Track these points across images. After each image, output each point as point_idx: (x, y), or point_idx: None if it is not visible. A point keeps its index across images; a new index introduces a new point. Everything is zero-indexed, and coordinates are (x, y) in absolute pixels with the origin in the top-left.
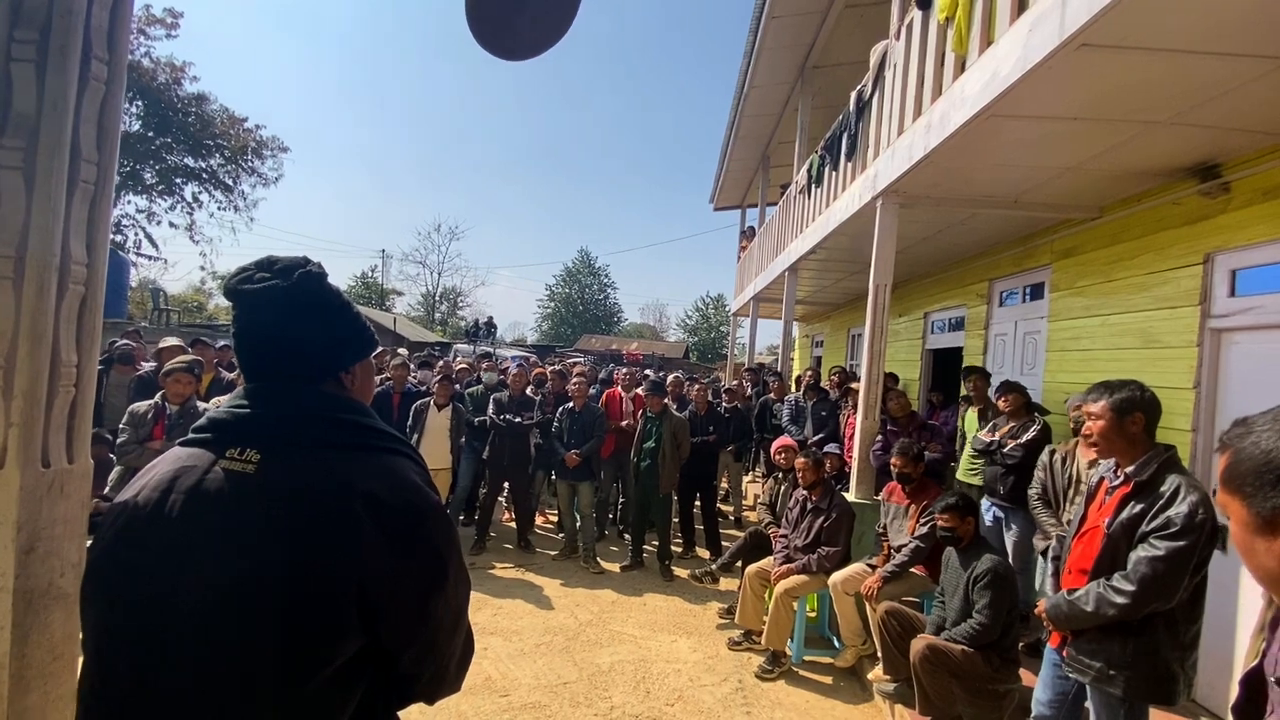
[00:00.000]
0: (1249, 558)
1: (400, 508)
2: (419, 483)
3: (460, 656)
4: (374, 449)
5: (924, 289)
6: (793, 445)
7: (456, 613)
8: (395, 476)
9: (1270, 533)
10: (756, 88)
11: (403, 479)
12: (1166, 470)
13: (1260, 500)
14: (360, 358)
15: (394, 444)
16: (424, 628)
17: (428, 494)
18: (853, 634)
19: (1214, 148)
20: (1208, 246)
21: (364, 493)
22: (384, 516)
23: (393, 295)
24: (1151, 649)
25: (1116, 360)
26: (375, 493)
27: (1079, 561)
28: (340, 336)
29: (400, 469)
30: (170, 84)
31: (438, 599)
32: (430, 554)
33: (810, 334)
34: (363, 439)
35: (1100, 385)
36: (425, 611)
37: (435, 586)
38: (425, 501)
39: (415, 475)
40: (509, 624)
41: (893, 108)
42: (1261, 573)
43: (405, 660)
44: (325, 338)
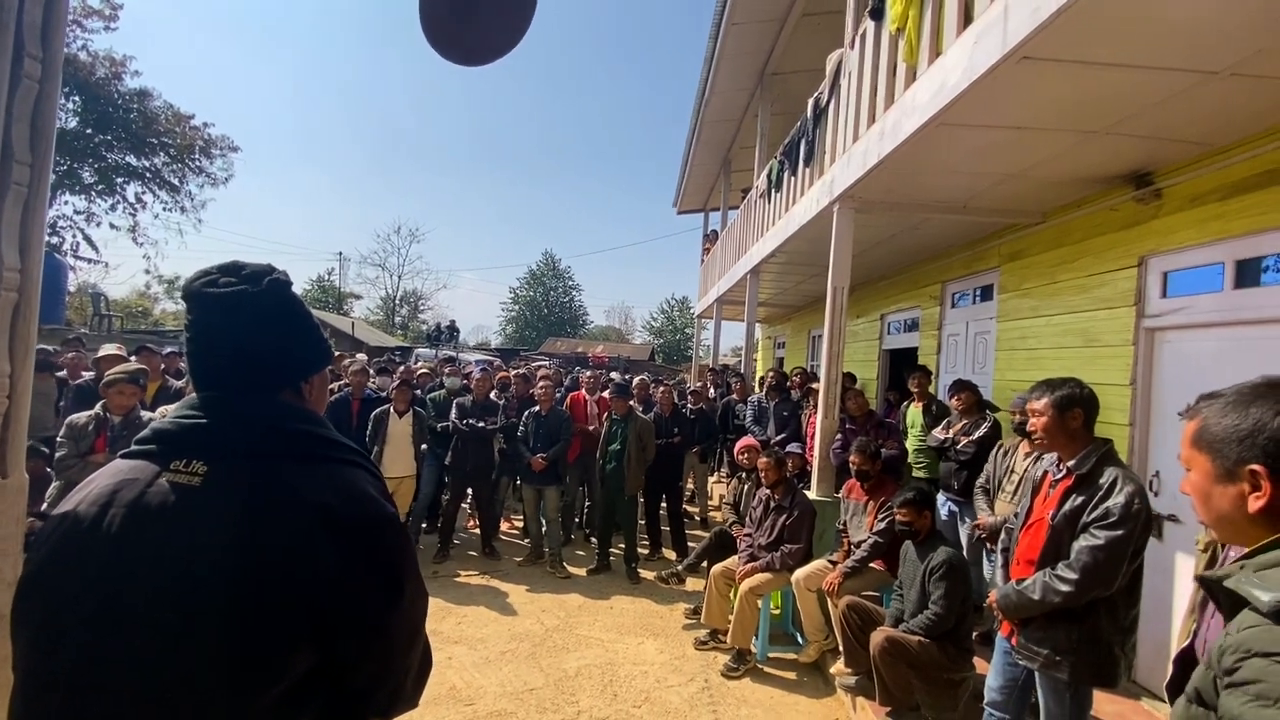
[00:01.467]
0: (1205, 503)
1: (354, 520)
2: (374, 494)
3: (418, 672)
4: (329, 460)
5: (880, 291)
6: (755, 445)
7: (413, 627)
8: (350, 488)
9: (1228, 481)
10: (717, 93)
11: (358, 491)
12: (1105, 463)
13: (1224, 457)
14: (319, 369)
15: (349, 455)
16: (380, 643)
17: (383, 506)
18: (815, 630)
19: (1147, 157)
20: (1142, 250)
21: (317, 505)
22: (337, 529)
23: (351, 299)
24: (1094, 634)
25: (1060, 359)
26: (329, 505)
27: (1026, 553)
28: (303, 347)
29: (355, 481)
30: (110, 79)
31: (394, 613)
32: (386, 567)
33: (773, 335)
34: (317, 450)
35: (1042, 384)
36: (381, 626)
37: (391, 601)
38: (381, 514)
39: (371, 487)
40: (474, 632)
41: (848, 115)
42: (1214, 515)
43: (361, 676)
44: (288, 348)
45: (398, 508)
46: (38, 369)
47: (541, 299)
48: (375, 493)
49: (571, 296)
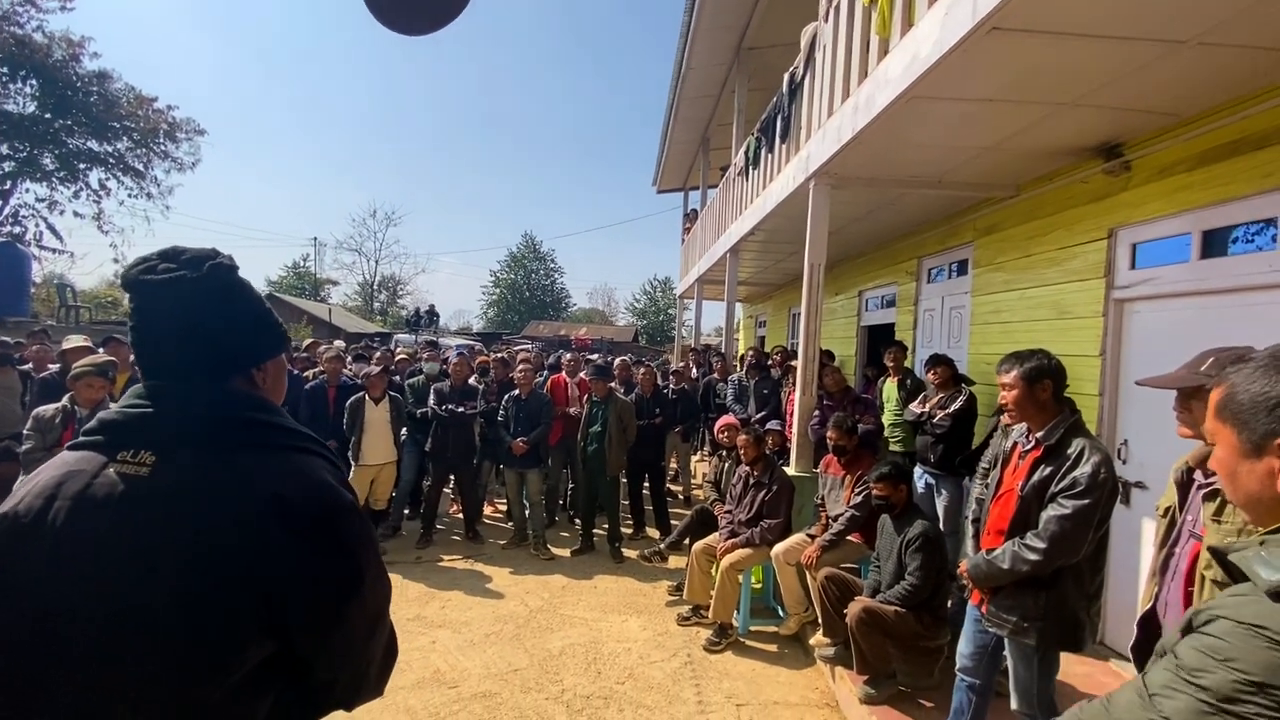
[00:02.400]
0: (1231, 481)
1: (309, 508)
2: (331, 482)
3: (382, 661)
4: (282, 448)
5: (858, 268)
6: (735, 423)
7: (375, 616)
8: (305, 476)
9: (1255, 456)
10: (694, 69)
11: (313, 478)
12: (1072, 434)
13: (1251, 428)
14: (273, 354)
15: (305, 442)
16: (338, 632)
17: (340, 493)
18: (795, 602)
19: (1116, 128)
20: (1111, 222)
21: (269, 494)
22: (291, 518)
23: (328, 285)
24: (1060, 601)
25: (1032, 332)
26: (282, 493)
27: (996, 523)
28: (252, 331)
29: (311, 468)
30: (68, 60)
31: (353, 602)
32: (342, 556)
33: (754, 314)
34: (271, 438)
35: (1011, 356)
36: (339, 615)
37: (349, 589)
38: (337, 501)
39: (328, 474)
40: (458, 615)
41: (823, 90)
42: (1242, 494)
43: (319, 666)
44: (236, 334)
45: (382, 494)
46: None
47: (523, 282)
48: (332, 480)
49: (553, 279)
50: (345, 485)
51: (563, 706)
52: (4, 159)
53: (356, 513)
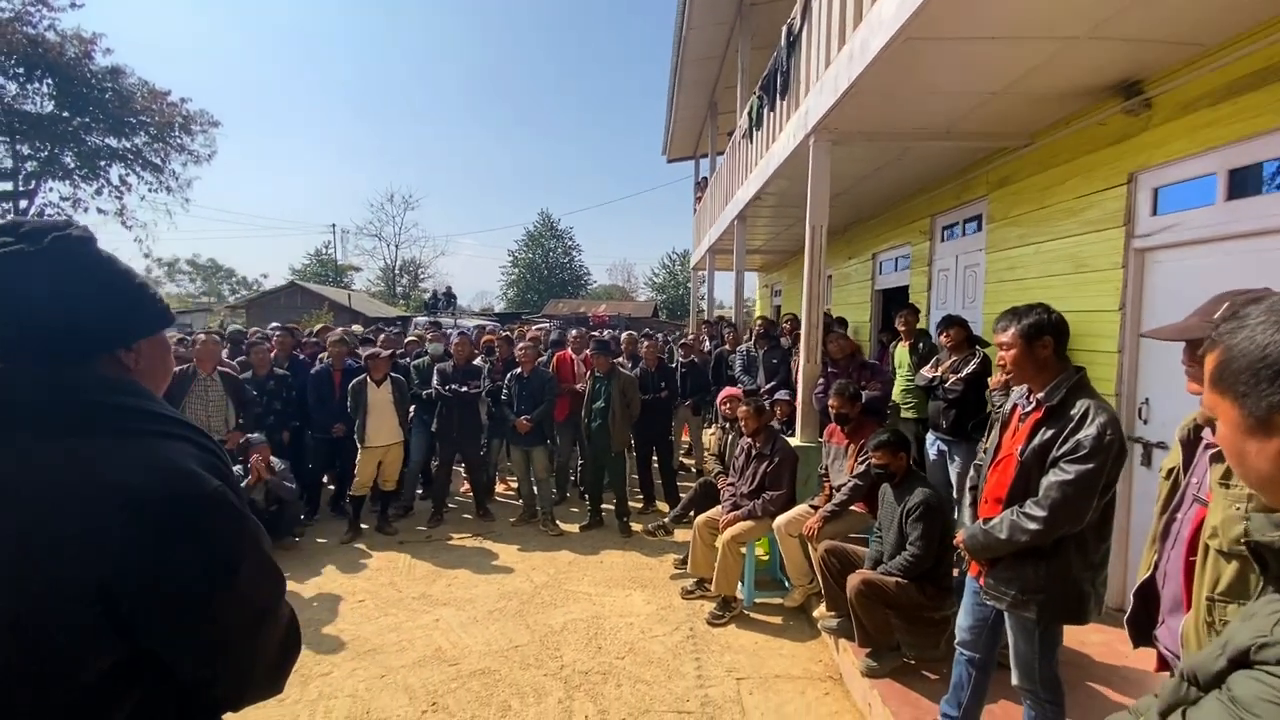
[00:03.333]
0: (1238, 461)
1: (162, 498)
2: (192, 469)
3: (276, 657)
4: (139, 433)
5: (871, 230)
6: (737, 394)
7: (256, 611)
8: (161, 463)
9: (1264, 433)
10: (694, 29)
11: (170, 465)
12: (1076, 394)
13: (1254, 400)
14: (146, 333)
15: (170, 427)
16: (204, 630)
17: (202, 480)
18: (799, 574)
19: (1135, 63)
20: (1131, 166)
21: (114, 484)
22: (139, 509)
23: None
24: (1063, 571)
25: (1048, 288)
26: (129, 482)
27: (994, 490)
28: (116, 309)
29: (169, 454)
30: (81, 58)
31: (221, 597)
32: (203, 547)
33: (769, 283)
34: (129, 423)
35: (1007, 312)
36: (204, 612)
37: (215, 584)
38: (197, 489)
39: (191, 461)
40: (463, 593)
41: (820, 40)
42: (1253, 476)
43: (188, 665)
44: (92, 310)
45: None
46: None
47: (541, 261)
48: (198, 466)
49: (571, 257)
50: (217, 472)
51: (560, 682)
52: (27, 159)
53: (222, 502)
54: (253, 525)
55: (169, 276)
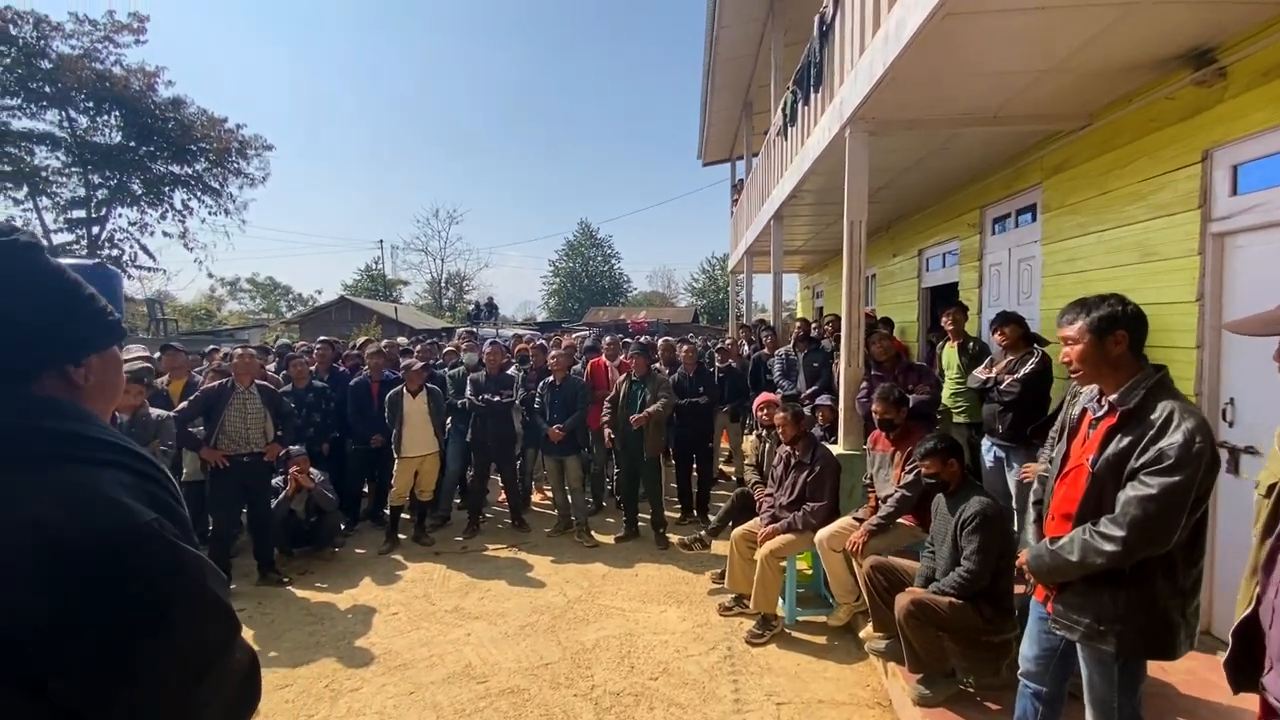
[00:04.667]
0: None
1: (80, 534)
2: (120, 499)
3: (232, 705)
4: (64, 461)
5: (916, 225)
6: (774, 400)
7: (196, 660)
8: (82, 494)
9: None
10: (726, 27)
11: (94, 497)
12: (1157, 395)
13: None
14: (93, 348)
15: (101, 452)
16: (129, 681)
17: (130, 513)
18: (844, 591)
19: (1207, 28)
20: (1206, 142)
21: (25, 521)
22: (53, 548)
23: (399, 285)
24: (1148, 600)
25: (1114, 280)
26: (43, 519)
27: (1062, 506)
28: (60, 322)
29: (96, 483)
30: (145, 90)
31: (147, 644)
32: (125, 590)
33: (810, 285)
34: (61, 449)
35: (1075, 304)
36: (127, 661)
37: (140, 629)
38: (122, 522)
39: (121, 490)
40: (495, 606)
41: (853, 26)
42: None
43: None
44: (30, 324)
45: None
46: None
47: (581, 269)
48: (128, 497)
49: (611, 265)
50: (155, 502)
51: (591, 704)
52: (98, 187)
53: (153, 536)
54: (193, 563)
55: (231, 294)
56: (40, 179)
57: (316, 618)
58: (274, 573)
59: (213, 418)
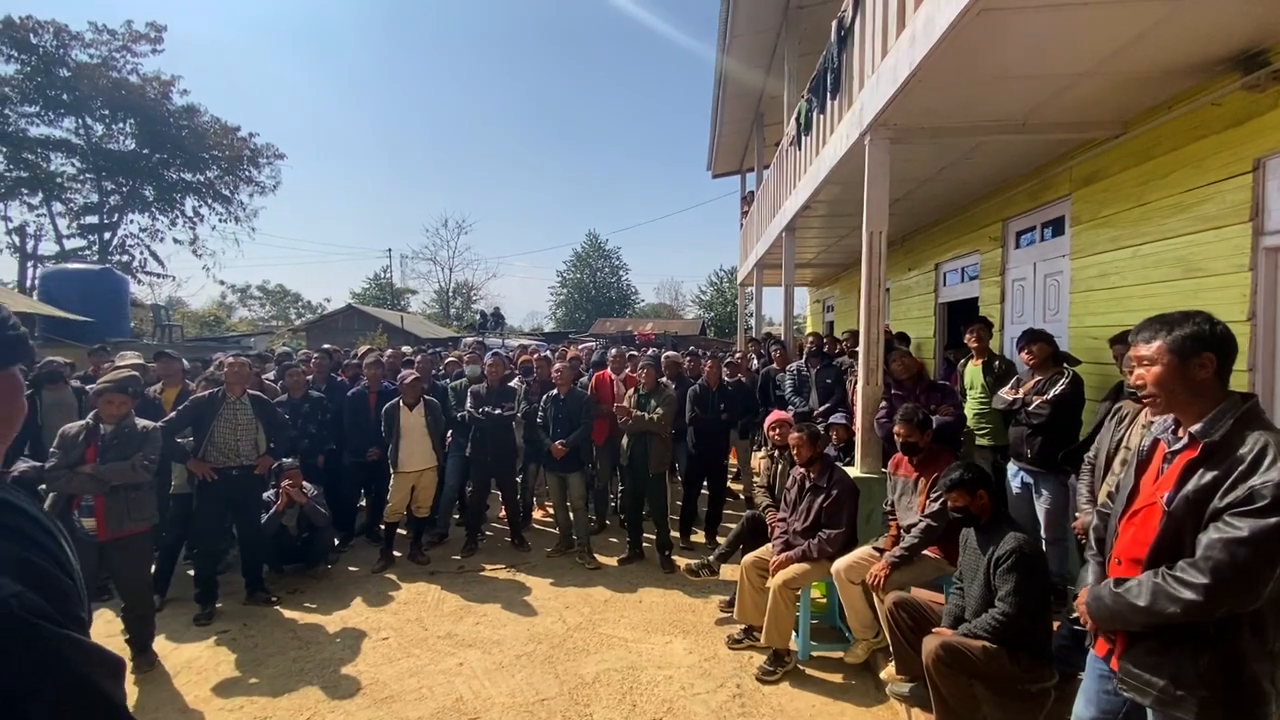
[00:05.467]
0: None
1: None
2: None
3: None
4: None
5: (934, 238)
6: (786, 419)
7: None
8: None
9: None
10: (738, 36)
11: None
12: (1245, 426)
13: None
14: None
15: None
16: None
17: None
18: (862, 627)
19: (1259, 28)
20: (1257, 150)
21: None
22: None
23: (407, 294)
24: (1234, 662)
25: (1151, 297)
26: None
27: (1130, 549)
28: None
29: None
30: (160, 99)
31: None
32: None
33: (821, 299)
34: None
35: (1154, 320)
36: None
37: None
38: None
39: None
40: (490, 633)
41: (875, 28)
42: None
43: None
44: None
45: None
46: (50, 380)
47: (588, 280)
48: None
49: (619, 276)
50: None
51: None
52: (111, 194)
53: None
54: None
55: (241, 301)
56: (55, 185)
57: (303, 641)
58: (262, 591)
59: (202, 428)
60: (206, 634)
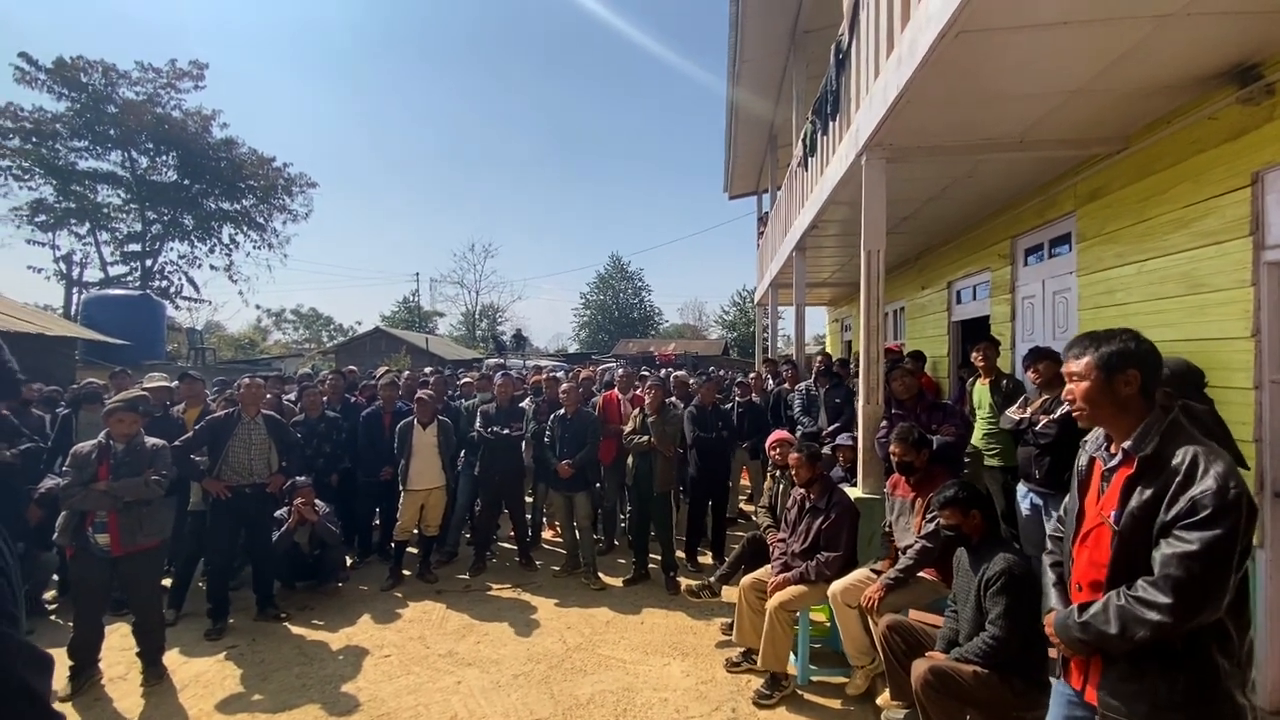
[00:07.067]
0: None
1: None
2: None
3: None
4: None
5: (945, 256)
6: (787, 438)
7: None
8: None
9: None
10: (748, 61)
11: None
12: (1172, 440)
13: None
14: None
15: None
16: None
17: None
18: (859, 652)
19: (1249, 41)
20: (1255, 164)
21: None
22: None
23: (434, 317)
24: (1209, 678)
25: (1158, 313)
26: None
27: (1088, 573)
28: None
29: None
30: (200, 132)
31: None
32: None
33: (839, 318)
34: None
35: (1084, 337)
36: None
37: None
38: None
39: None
40: (490, 652)
41: (868, 51)
42: None
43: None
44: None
45: (433, 520)
46: (88, 400)
47: (611, 302)
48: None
49: (641, 297)
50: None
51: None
52: (153, 223)
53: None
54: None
55: (276, 325)
56: (102, 215)
57: (307, 658)
58: (272, 607)
59: (217, 447)
60: (216, 649)
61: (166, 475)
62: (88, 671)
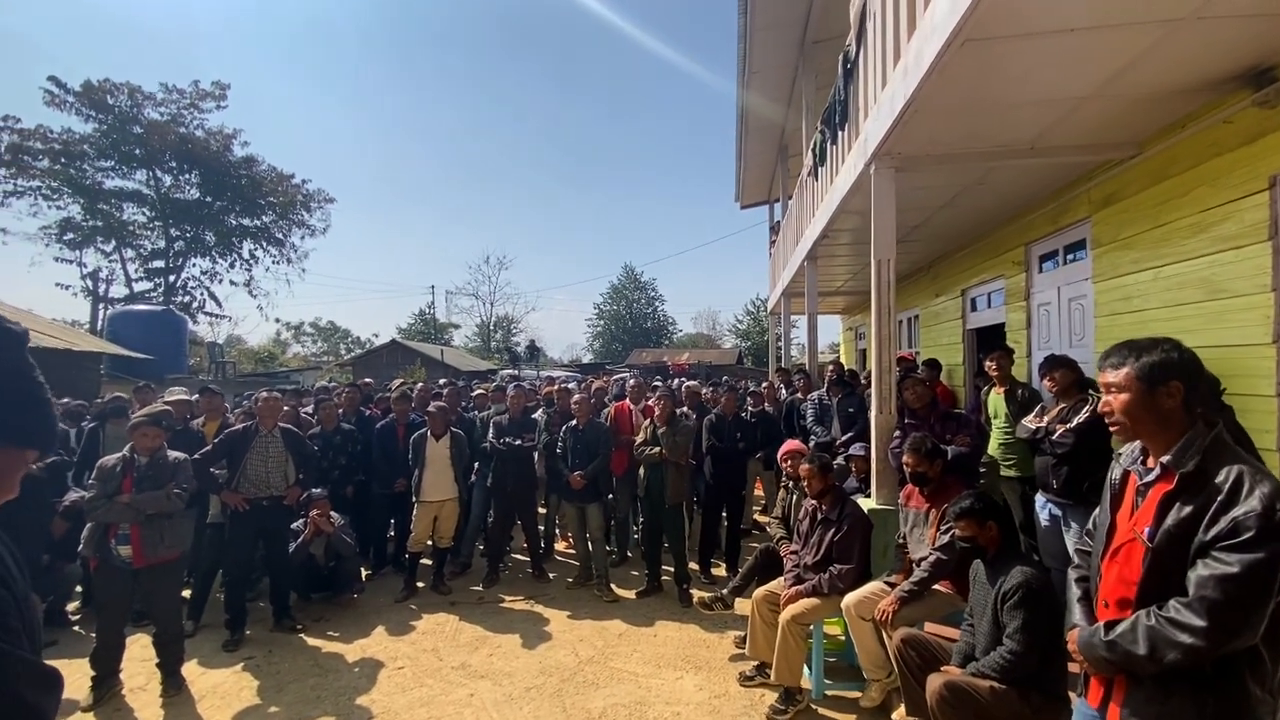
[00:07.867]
0: None
1: None
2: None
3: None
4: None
5: (959, 263)
6: (800, 449)
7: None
8: None
9: None
10: (757, 72)
11: None
12: (1216, 456)
13: None
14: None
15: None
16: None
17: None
18: (875, 666)
19: (1263, 44)
20: (1273, 167)
21: None
22: None
23: (450, 329)
24: (1239, 706)
25: (1176, 319)
26: None
27: (1117, 590)
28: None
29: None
30: (222, 150)
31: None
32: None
33: (853, 326)
34: None
35: (1122, 346)
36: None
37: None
38: None
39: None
40: (503, 665)
41: (875, 61)
42: None
43: None
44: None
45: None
46: (115, 414)
47: (625, 312)
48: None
49: (655, 307)
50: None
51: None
52: (176, 239)
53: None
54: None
55: (295, 338)
56: (127, 232)
57: (322, 669)
58: (288, 619)
59: (235, 460)
60: (234, 660)
61: (187, 488)
62: (109, 681)
